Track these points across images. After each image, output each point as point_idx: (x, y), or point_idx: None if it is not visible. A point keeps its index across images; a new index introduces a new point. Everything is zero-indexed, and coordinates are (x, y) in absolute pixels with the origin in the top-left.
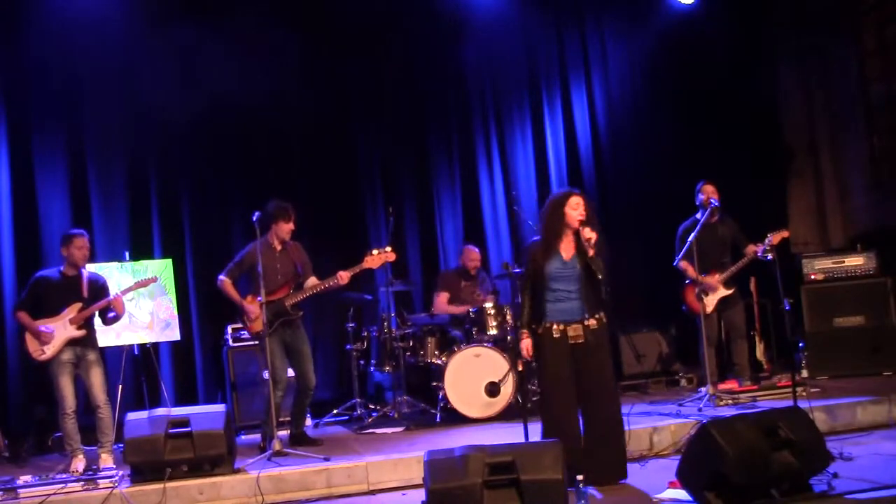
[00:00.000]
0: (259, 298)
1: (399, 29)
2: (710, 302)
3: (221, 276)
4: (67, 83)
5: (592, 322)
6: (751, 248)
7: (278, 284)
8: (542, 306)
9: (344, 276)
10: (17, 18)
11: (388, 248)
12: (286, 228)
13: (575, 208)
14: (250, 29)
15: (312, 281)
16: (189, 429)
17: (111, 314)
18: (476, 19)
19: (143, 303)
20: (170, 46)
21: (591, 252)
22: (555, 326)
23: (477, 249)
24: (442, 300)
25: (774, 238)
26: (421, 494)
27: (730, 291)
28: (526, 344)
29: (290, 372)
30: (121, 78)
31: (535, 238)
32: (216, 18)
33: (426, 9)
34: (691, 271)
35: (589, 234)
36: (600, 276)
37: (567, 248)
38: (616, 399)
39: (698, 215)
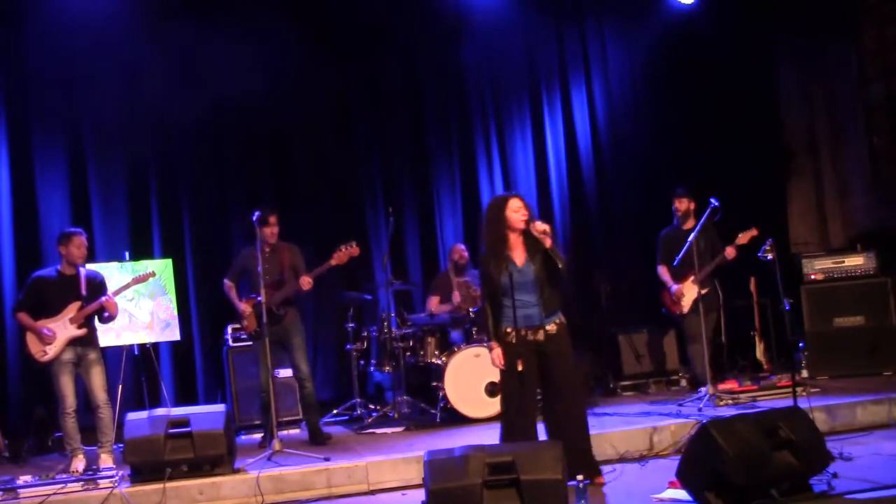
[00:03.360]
0: (259, 298)
1: (399, 29)
2: (686, 303)
3: (225, 280)
4: (68, 83)
5: (552, 327)
6: (720, 253)
7: (265, 285)
8: (501, 312)
9: (305, 282)
10: (17, 18)
11: (353, 244)
12: (267, 232)
13: (516, 211)
14: (250, 29)
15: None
16: (189, 429)
17: (105, 314)
18: (476, 20)
19: (143, 303)
20: (170, 46)
21: (548, 242)
22: (514, 332)
23: (463, 245)
24: (433, 303)
25: (743, 237)
26: (421, 494)
27: (704, 290)
28: (497, 353)
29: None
30: (121, 78)
31: (483, 251)
32: (216, 18)
33: (426, 9)
34: (667, 277)
35: (541, 225)
36: (561, 266)
37: (518, 255)
38: (581, 402)
39: (675, 222)
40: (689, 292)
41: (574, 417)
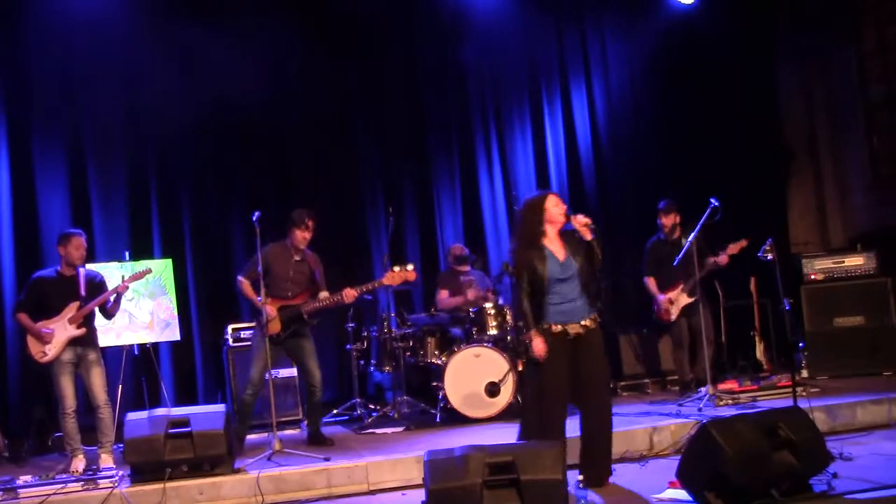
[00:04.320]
0: (259, 298)
1: (399, 29)
2: (675, 311)
3: (240, 277)
4: (67, 83)
5: (589, 322)
6: (710, 259)
7: (293, 291)
8: (543, 308)
9: (350, 295)
10: (17, 18)
11: (411, 267)
12: (300, 236)
13: (556, 206)
14: (250, 29)
15: (324, 293)
16: (189, 429)
17: (108, 304)
18: (476, 19)
19: (143, 303)
20: (170, 46)
21: (589, 235)
22: (553, 327)
23: (459, 244)
24: (444, 296)
25: (733, 248)
26: (421, 494)
27: (692, 299)
28: (539, 343)
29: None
30: (121, 78)
31: (515, 246)
32: (216, 18)
33: (426, 9)
34: (653, 288)
35: (583, 218)
36: (601, 257)
37: (558, 250)
38: (609, 400)
39: (662, 235)
40: (677, 300)
41: (602, 415)
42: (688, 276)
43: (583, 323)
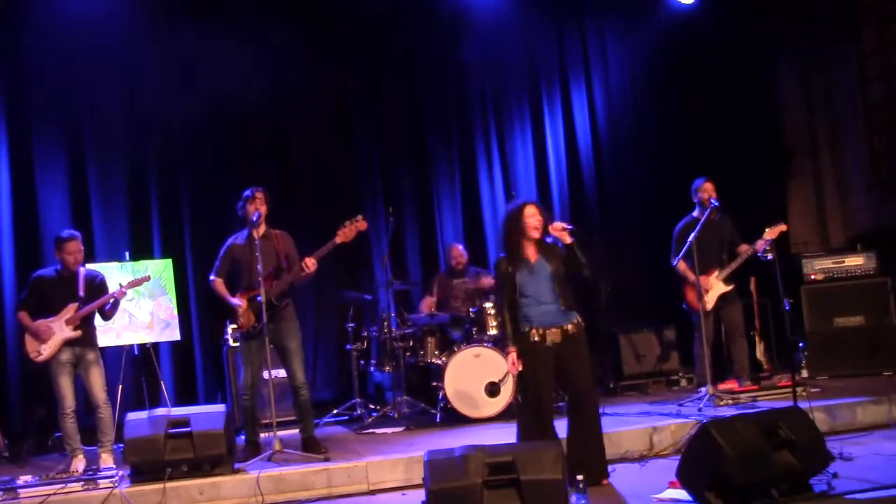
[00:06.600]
0: (259, 297)
1: (399, 29)
2: (711, 299)
3: (211, 276)
4: (68, 83)
5: (570, 327)
6: (744, 247)
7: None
8: (520, 313)
9: (311, 263)
10: (17, 18)
11: (360, 217)
12: (251, 210)
13: (531, 216)
14: (250, 29)
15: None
16: (189, 429)
17: (107, 307)
18: (476, 19)
19: (143, 303)
20: (170, 46)
21: (568, 239)
22: (533, 331)
23: (460, 246)
24: (426, 304)
25: (771, 232)
26: (421, 494)
27: (729, 288)
28: (512, 358)
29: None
30: (121, 78)
31: (501, 255)
32: (216, 19)
33: (426, 9)
34: (690, 274)
35: (559, 224)
36: (584, 261)
37: (531, 254)
38: (596, 401)
39: (695, 213)
40: (714, 287)
41: (589, 418)
42: (721, 263)
43: (565, 328)
